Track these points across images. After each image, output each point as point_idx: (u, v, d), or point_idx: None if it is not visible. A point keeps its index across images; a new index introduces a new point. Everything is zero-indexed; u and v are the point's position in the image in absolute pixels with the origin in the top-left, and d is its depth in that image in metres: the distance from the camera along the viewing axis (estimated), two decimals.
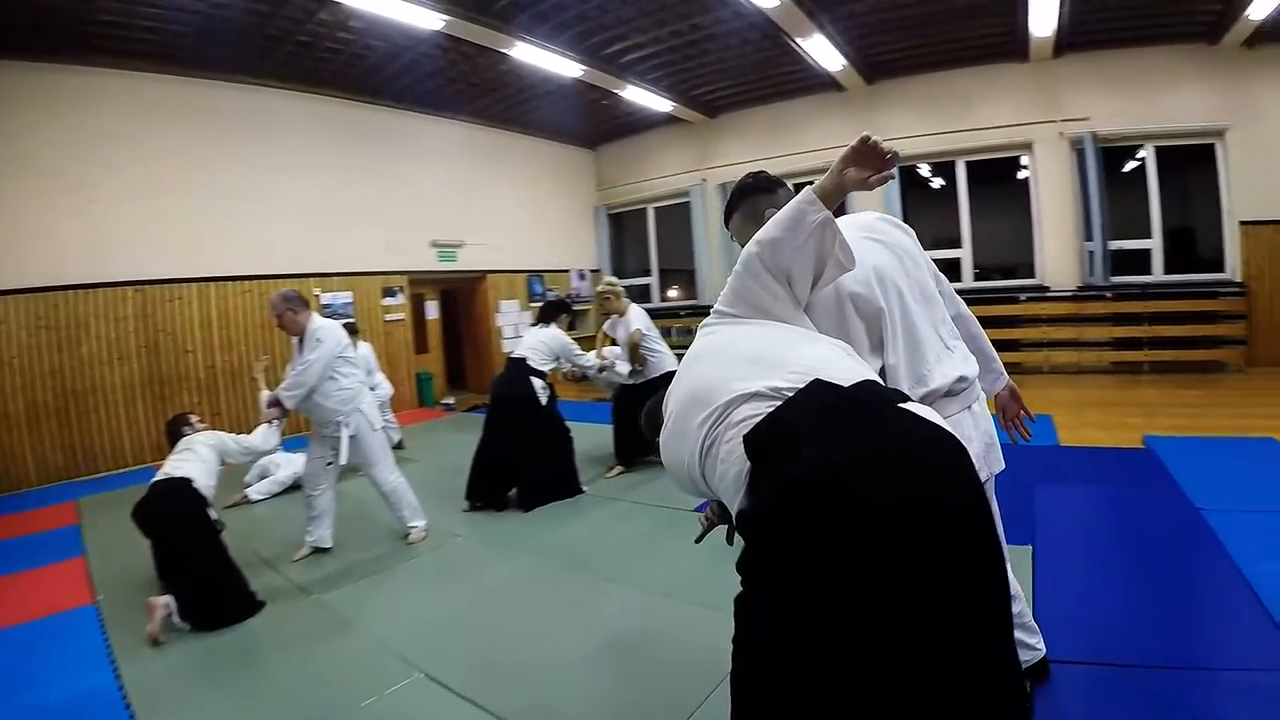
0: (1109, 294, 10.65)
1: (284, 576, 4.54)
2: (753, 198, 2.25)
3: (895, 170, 1.80)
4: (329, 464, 4.86)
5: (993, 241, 12.11)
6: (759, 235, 1.84)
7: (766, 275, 1.82)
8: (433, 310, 12.13)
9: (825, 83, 11.57)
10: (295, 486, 6.30)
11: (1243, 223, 9.99)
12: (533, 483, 5.84)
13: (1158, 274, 10.68)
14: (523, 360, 6.03)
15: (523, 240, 13.20)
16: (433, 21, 7.98)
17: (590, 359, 6.50)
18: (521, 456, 5.79)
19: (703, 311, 13.00)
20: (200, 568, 3.84)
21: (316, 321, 4.74)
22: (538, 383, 5.97)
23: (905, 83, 11.56)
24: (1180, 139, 10.36)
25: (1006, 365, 2.73)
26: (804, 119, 12.44)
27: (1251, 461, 5.58)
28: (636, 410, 6.59)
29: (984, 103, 11.14)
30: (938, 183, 12.45)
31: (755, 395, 1.56)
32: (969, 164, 11.67)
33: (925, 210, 12.56)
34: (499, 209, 12.75)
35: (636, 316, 6.53)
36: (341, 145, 10.43)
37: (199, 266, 8.85)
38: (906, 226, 2.35)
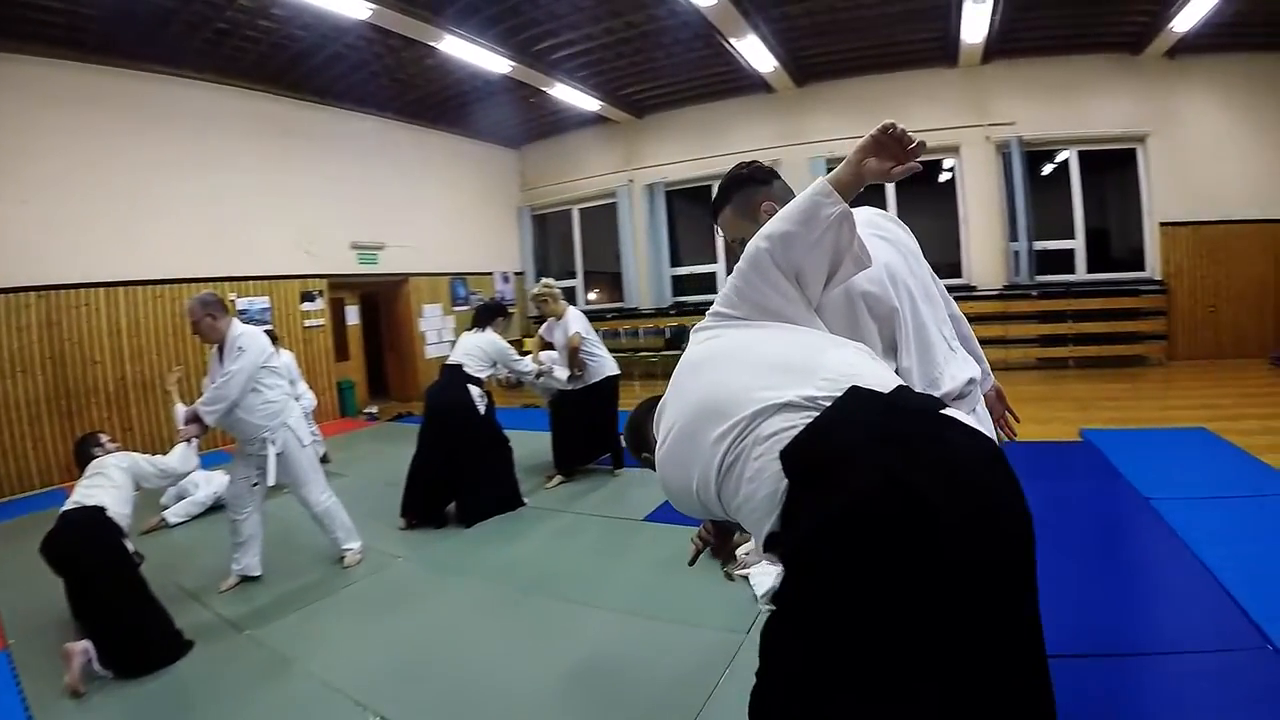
0: (1034, 293, 11.00)
1: (212, 611, 4.17)
2: (747, 190, 2.10)
3: (919, 162, 1.66)
4: (255, 484, 4.51)
5: (919, 242, 12.25)
6: (768, 230, 1.70)
7: (777, 273, 1.69)
8: (353, 315, 11.69)
9: (755, 84, 11.60)
10: (216, 507, 5.92)
11: (1162, 224, 10.52)
12: (473, 497, 5.58)
13: (1081, 273, 11.10)
14: (458, 367, 5.77)
15: (445, 242, 12.80)
16: (359, 11, 7.65)
17: (528, 364, 6.26)
18: (460, 469, 5.52)
19: (629, 314, 13.10)
20: (120, 607, 3.47)
21: (238, 328, 4.39)
22: (475, 391, 5.72)
23: (835, 86, 11.70)
24: (1103, 144, 10.81)
25: None
26: (732, 120, 12.46)
27: (1188, 451, 5.84)
28: (575, 416, 6.40)
29: (913, 106, 11.27)
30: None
31: (787, 406, 1.43)
32: None
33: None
34: (421, 209, 12.37)
35: (575, 319, 6.36)
36: (260, 142, 9.90)
37: (106, 270, 8.26)
38: (904, 225, 2.27)
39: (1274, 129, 10.24)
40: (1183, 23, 9.07)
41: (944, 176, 11.91)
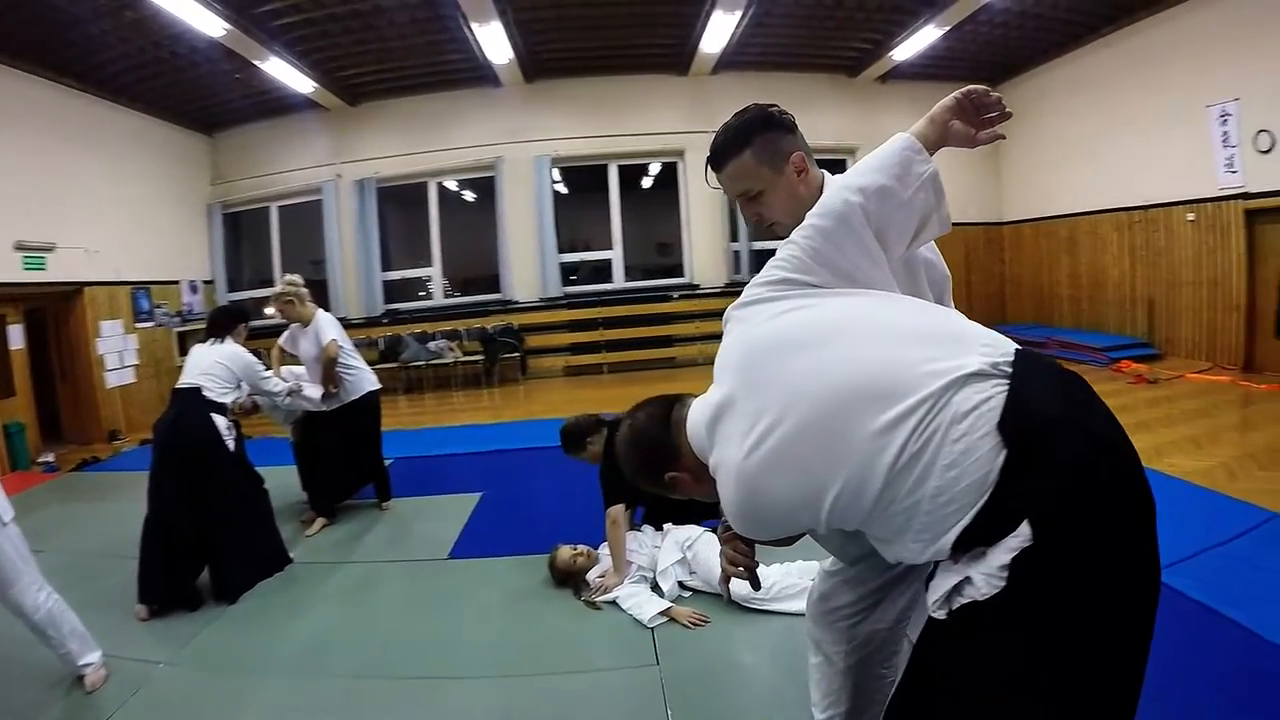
0: None
1: None
2: (773, 134, 1.80)
3: (1004, 131, 1.58)
4: None
5: (640, 243, 12.35)
6: (857, 183, 1.51)
7: (868, 232, 1.49)
8: (17, 338, 8.53)
9: (484, 77, 10.79)
10: None
11: None
12: (234, 561, 4.18)
13: None
14: (196, 391, 4.27)
15: (126, 243, 10.00)
16: None
17: (278, 383, 4.89)
18: (213, 527, 4.09)
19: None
20: None
21: None
22: (221, 421, 4.29)
23: (564, 84, 11.28)
24: (818, 154, 11.28)
25: (662, 360, 2.39)
26: (453, 113, 11.51)
27: None
28: (331, 444, 4.92)
29: (641, 110, 11.34)
30: (561, 188, 12.38)
31: (976, 375, 1.24)
32: (621, 168, 11.68)
33: (574, 211, 12.26)
34: (98, 203, 9.55)
35: (329, 325, 5.14)
36: None
37: None
38: None
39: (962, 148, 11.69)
40: (902, 53, 10.08)
41: (646, 182, 12.30)
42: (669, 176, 12.03)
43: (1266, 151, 7.58)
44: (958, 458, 1.20)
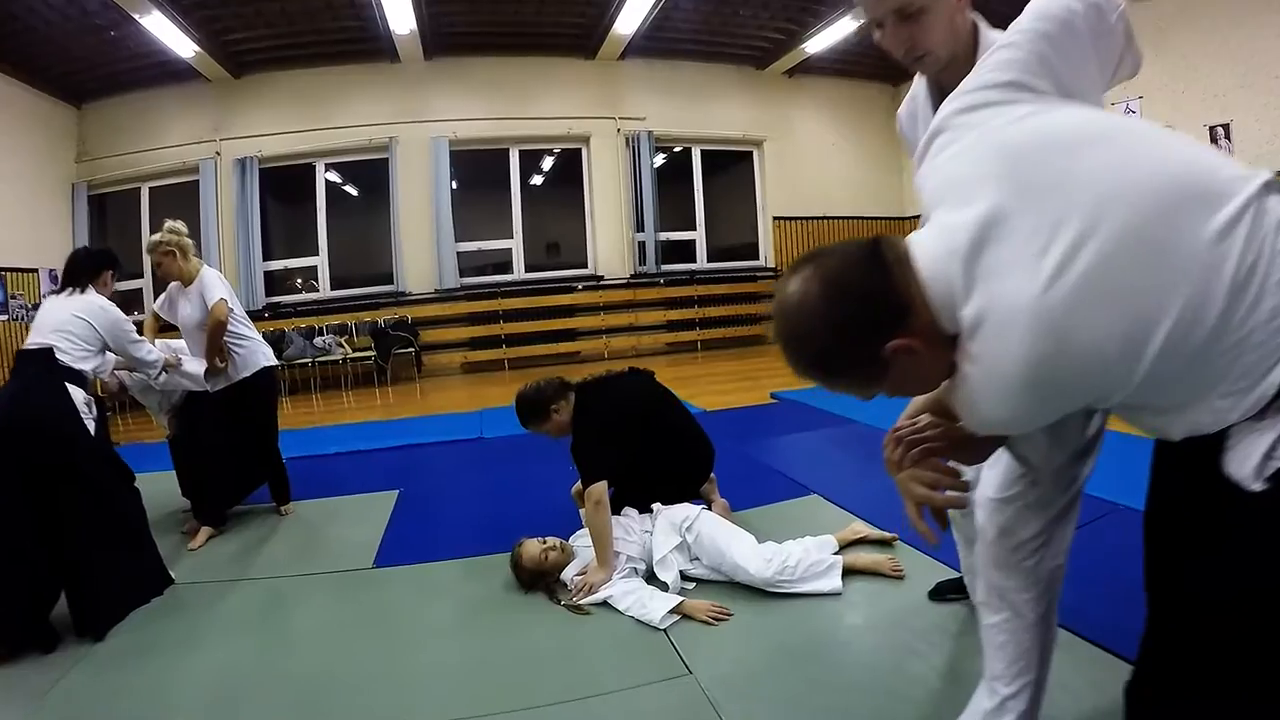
0: (661, 280, 10.85)
1: None
2: None
3: None
4: None
5: (538, 233, 11.47)
6: None
7: (1089, 45, 1.17)
8: None
9: (381, 50, 9.56)
10: None
11: (775, 218, 11.28)
12: (98, 583, 2.94)
13: (702, 262, 11.30)
14: (47, 353, 3.07)
15: None
16: None
17: (152, 351, 3.65)
18: (70, 537, 2.88)
19: None
20: None
21: None
22: (79, 395, 3.09)
23: (464, 62, 10.23)
24: (725, 144, 11.27)
25: (565, 355, 1.91)
26: (344, 90, 10.13)
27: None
28: (217, 434, 4.13)
29: (546, 93, 10.54)
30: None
31: (1269, 186, 0.94)
32: (522, 152, 10.87)
33: (477, 203, 11.18)
34: None
35: (216, 282, 3.91)
36: None
37: None
38: None
39: (868, 143, 11.67)
40: (816, 45, 9.81)
41: (536, 179, 11.46)
42: (569, 165, 11.16)
43: None
44: None
